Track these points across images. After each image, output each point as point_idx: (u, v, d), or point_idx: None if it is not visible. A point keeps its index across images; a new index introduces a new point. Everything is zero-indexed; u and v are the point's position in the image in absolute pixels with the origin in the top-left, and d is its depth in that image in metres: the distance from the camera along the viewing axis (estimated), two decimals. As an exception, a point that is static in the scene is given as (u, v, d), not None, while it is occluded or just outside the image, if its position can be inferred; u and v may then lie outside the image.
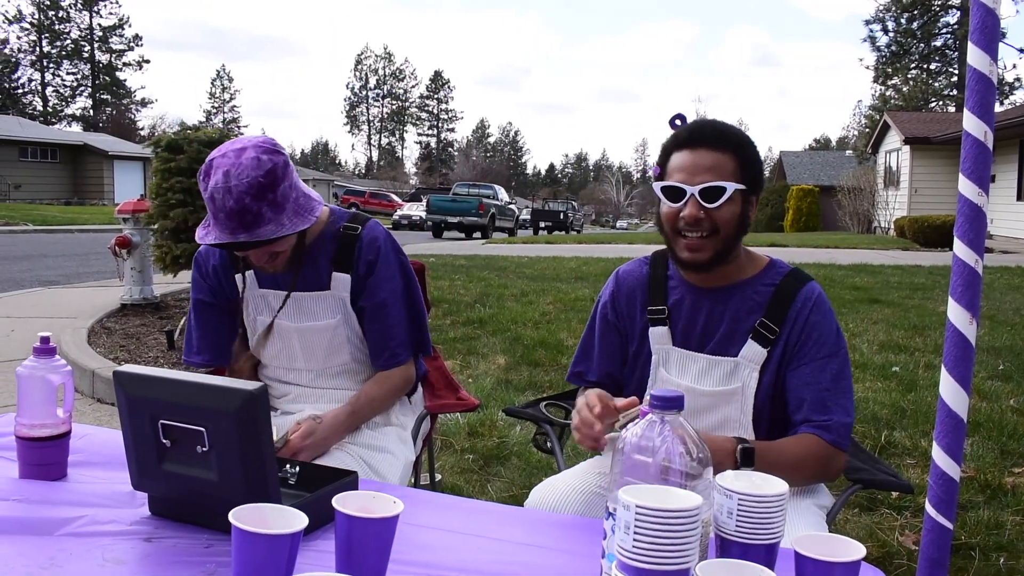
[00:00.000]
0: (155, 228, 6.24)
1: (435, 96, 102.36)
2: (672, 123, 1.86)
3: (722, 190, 1.73)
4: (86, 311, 7.13)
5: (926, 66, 41.16)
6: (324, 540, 1.35)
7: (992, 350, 5.98)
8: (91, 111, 69.65)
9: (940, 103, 40.46)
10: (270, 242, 1.87)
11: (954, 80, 39.70)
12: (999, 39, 1.70)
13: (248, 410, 1.30)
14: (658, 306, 1.89)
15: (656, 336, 1.88)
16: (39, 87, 68.23)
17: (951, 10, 38.59)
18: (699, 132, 1.78)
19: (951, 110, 37.17)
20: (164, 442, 1.36)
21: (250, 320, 2.14)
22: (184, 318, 6.45)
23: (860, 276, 10.33)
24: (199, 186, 1.88)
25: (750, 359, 1.79)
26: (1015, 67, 49.30)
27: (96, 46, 68.88)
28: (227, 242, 1.84)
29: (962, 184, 1.71)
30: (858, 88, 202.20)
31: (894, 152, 25.17)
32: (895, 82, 40.93)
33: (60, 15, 67.13)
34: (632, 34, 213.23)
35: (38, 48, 66.96)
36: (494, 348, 5.83)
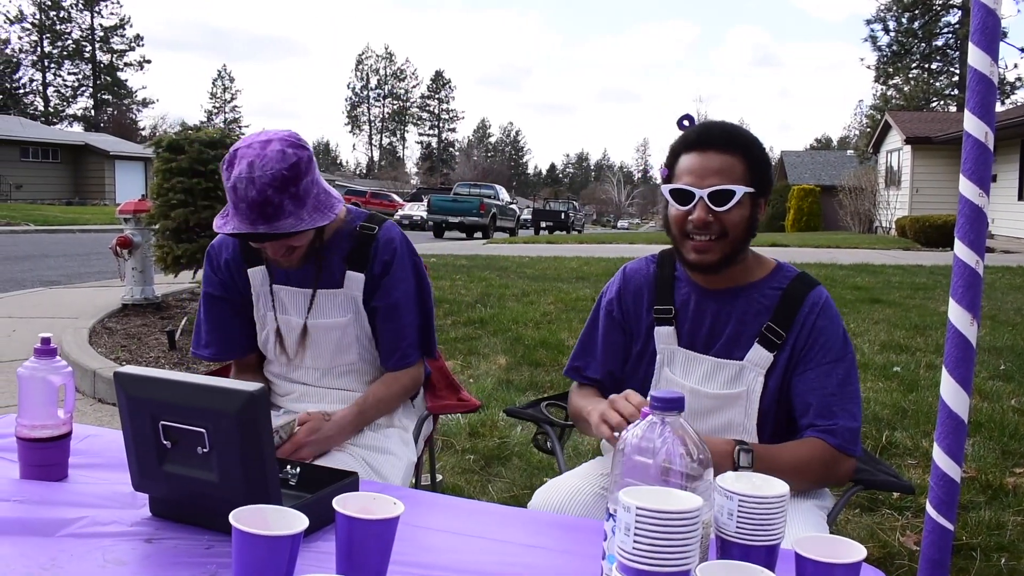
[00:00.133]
0: (156, 228, 6.26)
1: (436, 96, 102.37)
2: (680, 124, 1.84)
3: (731, 194, 1.72)
4: (87, 311, 7.14)
5: (927, 66, 41.09)
6: (325, 541, 1.35)
7: (993, 350, 5.98)
8: (92, 111, 69.70)
9: (941, 103, 40.40)
10: (288, 235, 1.87)
11: (955, 80, 39.64)
12: (1000, 39, 1.70)
13: (248, 411, 1.30)
14: (665, 305, 1.87)
15: (662, 336, 1.87)
16: (40, 87, 68.32)
17: (952, 9, 38.54)
18: (708, 134, 1.76)
19: (952, 110, 37.11)
20: (165, 443, 1.36)
21: (260, 315, 2.14)
22: (185, 318, 6.45)
23: (861, 276, 10.32)
24: (222, 175, 1.88)
25: (756, 363, 1.78)
26: (1016, 67, 49.29)
27: (97, 46, 68.94)
28: (246, 232, 1.84)
29: (963, 185, 1.71)
30: (859, 88, 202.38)
31: (895, 152, 25.15)
32: (896, 82, 40.88)
33: (61, 15, 67.19)
34: (633, 34, 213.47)
35: (39, 48, 67.03)
36: (495, 348, 5.82)
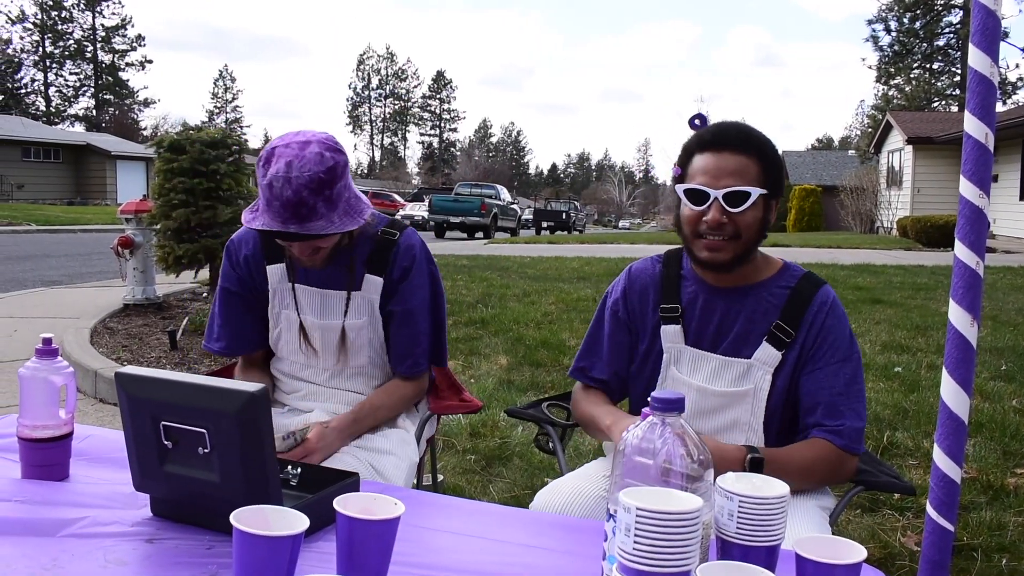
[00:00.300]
0: (157, 228, 6.27)
1: (437, 96, 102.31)
2: (692, 123, 1.84)
3: (746, 195, 1.72)
4: (89, 311, 7.14)
5: (929, 66, 41.07)
6: (325, 542, 1.35)
7: (995, 350, 5.98)
8: (94, 111, 69.76)
9: (943, 103, 40.38)
10: (318, 237, 1.90)
11: (957, 80, 39.61)
12: (1000, 40, 1.70)
13: (249, 411, 1.30)
14: (671, 304, 1.87)
15: (668, 334, 1.87)
16: (42, 87, 68.36)
17: (953, 10, 38.52)
18: (724, 134, 1.76)
19: (954, 110, 37.07)
20: (166, 443, 1.37)
21: (274, 313, 2.15)
22: (187, 318, 6.46)
23: (863, 276, 10.31)
24: (256, 171, 1.90)
25: (764, 361, 1.78)
26: (1018, 67, 49.13)
27: (99, 46, 68.98)
28: (277, 230, 1.87)
29: (963, 186, 1.71)
30: (861, 88, 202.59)
31: (897, 152, 25.14)
32: (898, 82, 40.86)
33: (63, 15, 67.22)
34: (635, 34, 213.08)
35: (41, 48, 67.08)
36: (496, 348, 5.82)
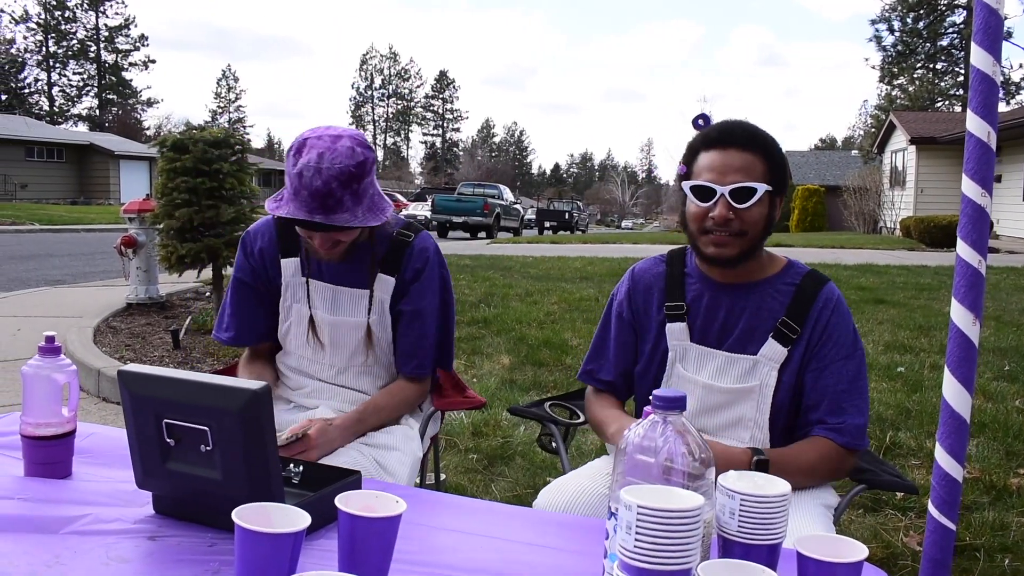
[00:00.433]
0: (160, 228, 6.26)
1: (440, 96, 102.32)
2: (695, 123, 1.86)
3: (752, 191, 1.74)
4: (92, 310, 7.15)
5: (932, 66, 40.98)
6: (327, 539, 1.35)
7: (998, 351, 5.97)
8: (97, 111, 69.87)
9: (946, 103, 40.29)
10: (340, 229, 1.93)
11: (960, 80, 39.51)
12: (1003, 40, 1.70)
13: (252, 409, 1.30)
14: (676, 302, 1.89)
15: (673, 332, 1.88)
16: (45, 87, 68.51)
17: (957, 9, 38.43)
18: (730, 132, 1.78)
19: (957, 110, 36.97)
20: (168, 441, 1.37)
21: (285, 306, 2.17)
22: (189, 317, 6.47)
23: (866, 276, 10.30)
24: (286, 160, 1.93)
25: (770, 357, 1.80)
26: (1022, 67, 49.02)
27: (102, 46, 69.09)
28: (302, 219, 1.89)
29: (965, 185, 1.71)
30: (864, 88, 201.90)
31: (900, 152, 25.10)
32: (901, 82, 40.78)
33: (66, 15, 67.34)
34: (637, 34, 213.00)
35: (44, 48, 67.21)
36: (498, 348, 5.83)
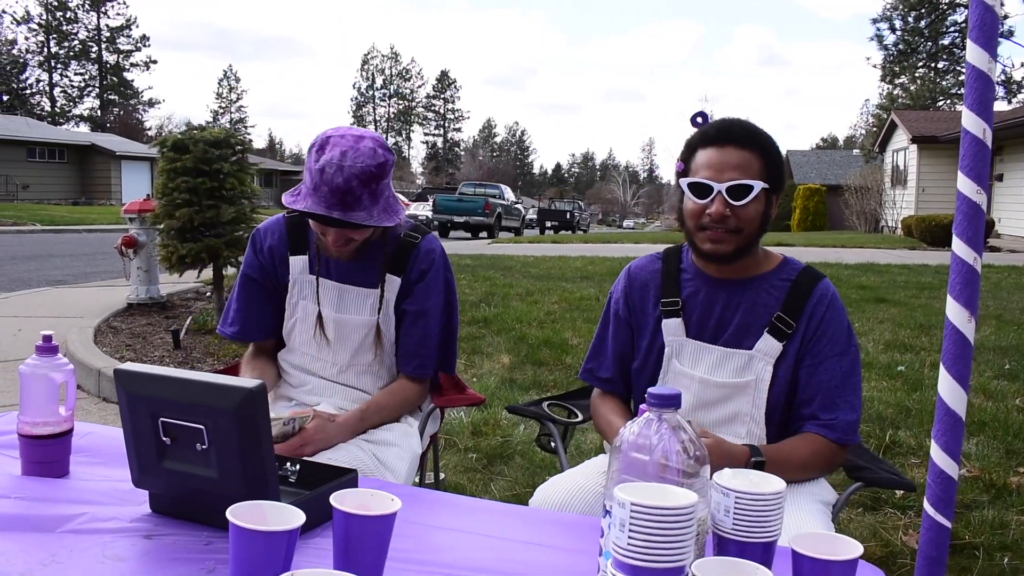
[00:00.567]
0: (161, 228, 6.26)
1: (441, 96, 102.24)
2: (694, 121, 1.88)
3: (749, 188, 1.76)
4: (92, 311, 7.16)
5: (933, 65, 40.98)
6: (323, 538, 1.36)
7: (998, 349, 5.97)
8: (99, 111, 69.92)
9: (947, 102, 40.26)
10: (356, 227, 1.96)
11: (961, 79, 39.33)
12: (998, 36, 1.70)
13: (247, 407, 1.30)
14: (672, 298, 1.90)
15: (669, 328, 1.89)
16: (47, 88, 68.56)
17: (958, 8, 38.38)
18: (727, 130, 1.80)
19: (958, 109, 36.96)
20: (164, 440, 1.37)
21: (292, 303, 2.19)
22: (190, 318, 6.47)
23: (867, 275, 10.29)
24: (307, 157, 1.96)
25: (766, 352, 1.81)
26: (1023, 66, 49.01)
27: (104, 47, 69.13)
28: (320, 214, 1.92)
29: (961, 182, 1.71)
30: (865, 87, 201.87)
31: (901, 151, 25.08)
32: (902, 81, 40.79)
33: (68, 16, 67.39)
34: (638, 34, 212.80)
35: (46, 49, 67.25)
36: (499, 347, 5.83)
